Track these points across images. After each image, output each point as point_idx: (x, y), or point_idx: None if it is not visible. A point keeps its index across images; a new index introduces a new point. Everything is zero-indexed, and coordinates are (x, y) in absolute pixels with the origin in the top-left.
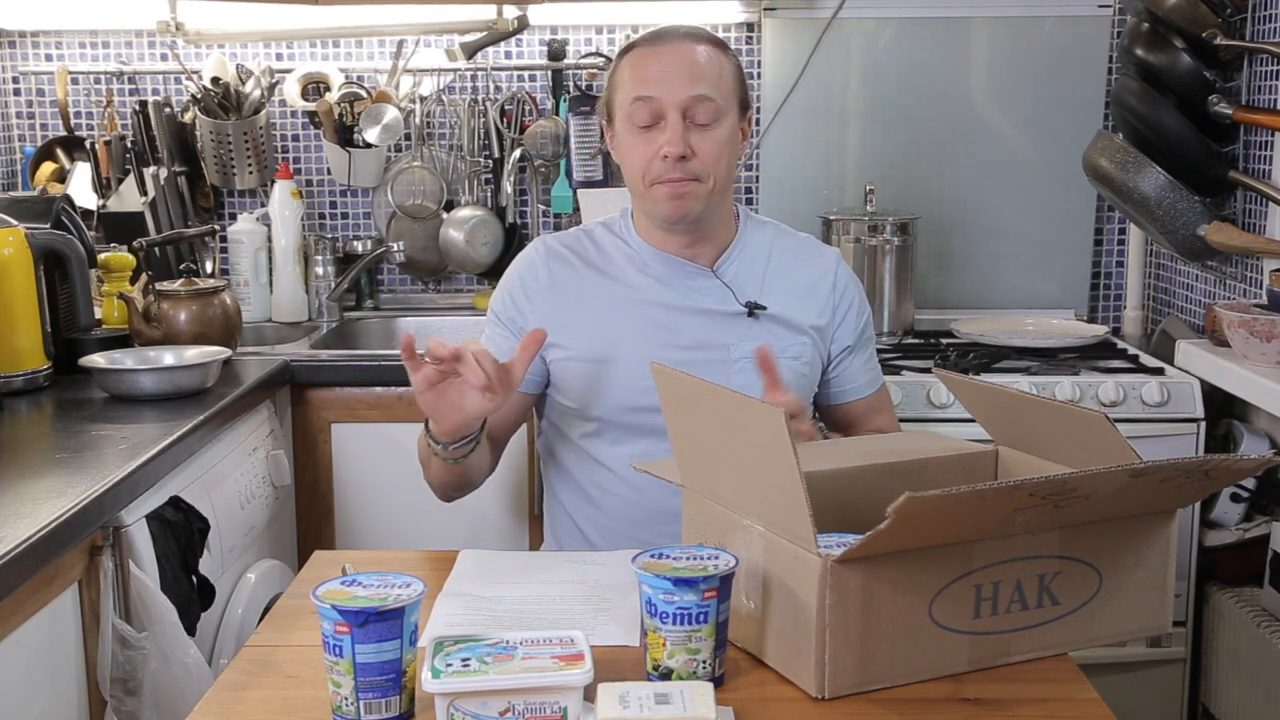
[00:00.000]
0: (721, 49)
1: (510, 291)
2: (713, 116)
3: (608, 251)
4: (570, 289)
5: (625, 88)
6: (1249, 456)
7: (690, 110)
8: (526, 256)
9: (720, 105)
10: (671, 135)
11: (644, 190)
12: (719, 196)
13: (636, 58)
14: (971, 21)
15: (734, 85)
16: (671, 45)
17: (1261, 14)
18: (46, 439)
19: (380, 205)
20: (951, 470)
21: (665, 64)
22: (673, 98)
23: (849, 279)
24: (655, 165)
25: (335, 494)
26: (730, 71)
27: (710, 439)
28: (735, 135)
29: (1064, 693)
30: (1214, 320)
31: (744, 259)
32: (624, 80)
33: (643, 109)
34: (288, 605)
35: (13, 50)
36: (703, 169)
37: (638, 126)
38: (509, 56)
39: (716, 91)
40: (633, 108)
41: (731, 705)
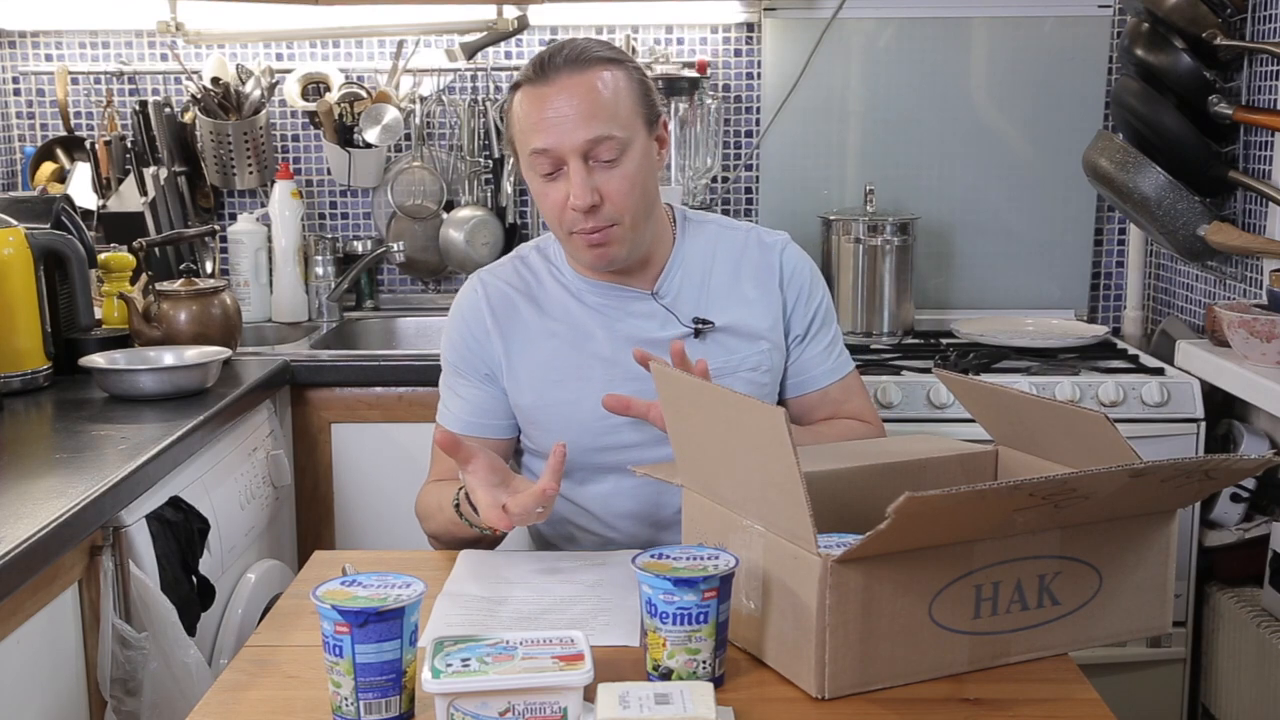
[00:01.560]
0: (616, 66)
1: (461, 337)
2: (616, 153)
3: (545, 283)
4: (515, 330)
5: (521, 135)
6: (1249, 456)
7: (591, 153)
8: (467, 299)
9: (622, 138)
10: (576, 188)
11: (564, 237)
12: (643, 228)
13: (526, 100)
14: (971, 21)
15: (635, 104)
16: (559, 83)
17: (1261, 14)
18: (46, 439)
19: (380, 205)
20: (951, 470)
21: (556, 107)
22: (569, 144)
23: (795, 265)
24: (568, 216)
25: (335, 494)
26: (627, 92)
27: (710, 439)
28: (646, 160)
29: (1064, 693)
30: (1214, 320)
31: (685, 271)
32: (519, 124)
33: (542, 160)
34: (288, 605)
35: (13, 50)
36: (615, 211)
37: (541, 175)
38: (509, 56)
39: (615, 124)
40: (531, 159)
41: (731, 705)
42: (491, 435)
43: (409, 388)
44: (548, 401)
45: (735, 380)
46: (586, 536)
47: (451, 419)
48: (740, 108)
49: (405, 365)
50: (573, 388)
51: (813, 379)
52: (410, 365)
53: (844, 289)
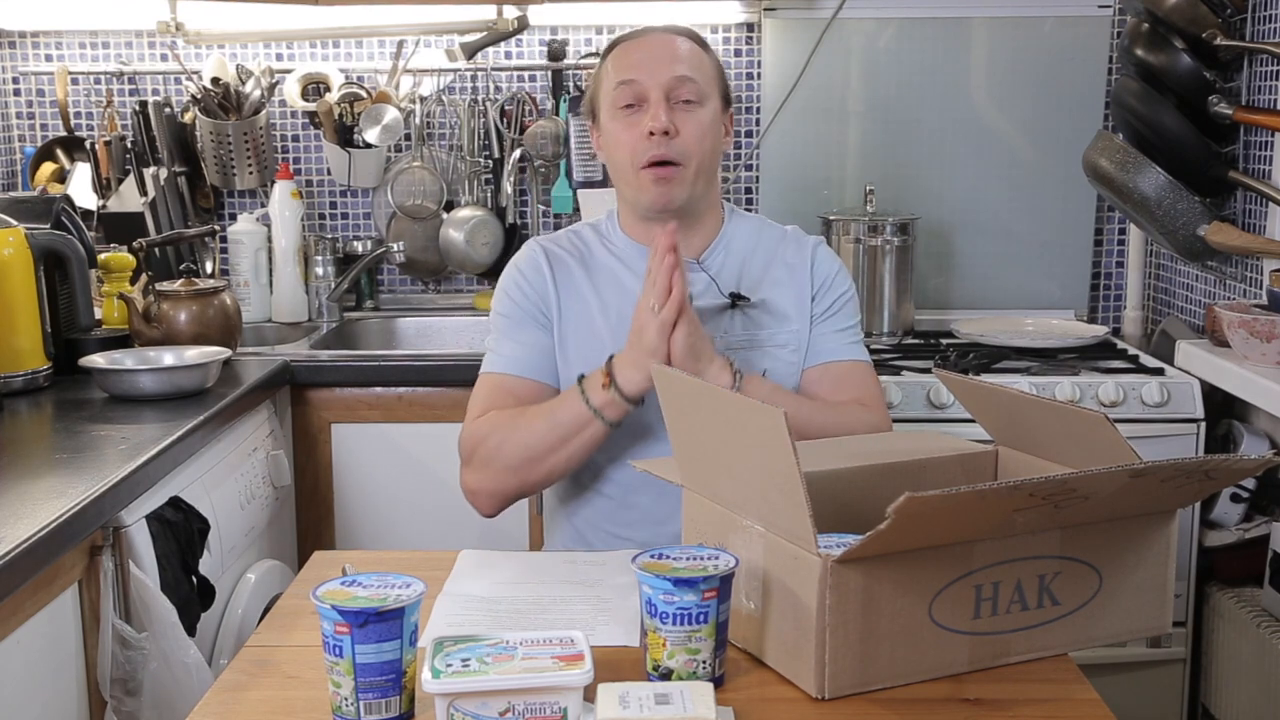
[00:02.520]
0: (703, 45)
1: (519, 287)
2: (696, 96)
3: (595, 251)
4: (568, 287)
5: (609, 78)
6: (1249, 456)
7: (673, 91)
8: (524, 257)
9: (703, 88)
10: (655, 111)
11: (631, 177)
12: (703, 183)
13: (619, 50)
14: (971, 21)
15: (715, 76)
16: (653, 35)
17: (1261, 14)
18: (46, 439)
19: (380, 205)
20: (951, 470)
21: (647, 50)
22: (655, 79)
23: (826, 259)
24: (640, 146)
25: (335, 494)
26: (710, 64)
27: (710, 439)
28: (718, 124)
29: (1064, 693)
30: (1214, 320)
31: (730, 251)
32: (607, 72)
33: (626, 91)
34: (288, 605)
35: (13, 50)
36: (685, 150)
37: (622, 109)
38: (509, 57)
39: (698, 74)
40: (617, 92)
41: (731, 705)
42: (541, 379)
43: (409, 388)
44: (590, 357)
45: (763, 354)
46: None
47: (503, 362)
48: (740, 108)
49: (405, 365)
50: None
51: (817, 353)
52: (410, 365)
53: None
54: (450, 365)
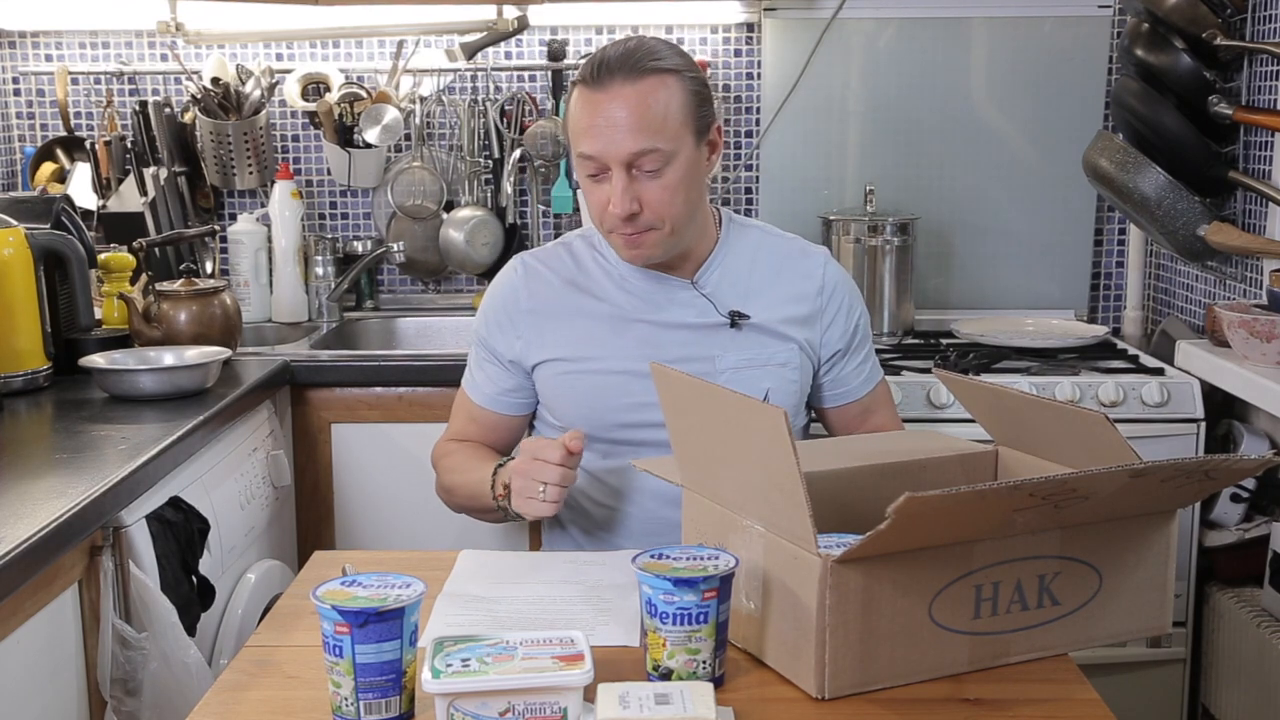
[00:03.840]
0: (669, 74)
1: (493, 316)
2: (659, 164)
3: (587, 268)
4: (552, 308)
5: (573, 135)
6: (1249, 456)
7: (635, 163)
8: (506, 278)
9: (667, 150)
10: (616, 196)
11: (605, 234)
12: (682, 231)
13: (580, 101)
14: (971, 21)
15: (686, 116)
16: (611, 90)
17: (1261, 14)
18: (46, 439)
19: (380, 205)
20: (951, 470)
21: (606, 115)
22: (613, 155)
23: (838, 279)
24: (608, 216)
25: (335, 494)
26: (679, 104)
27: (710, 439)
28: (692, 167)
29: (1064, 693)
30: (1214, 320)
31: (725, 267)
32: (572, 123)
33: (588, 164)
34: (288, 605)
35: (13, 50)
36: (653, 218)
37: (587, 176)
38: (509, 57)
39: (661, 137)
40: (579, 160)
41: (731, 705)
42: (507, 411)
43: (409, 388)
44: (580, 374)
45: (764, 373)
46: (603, 511)
47: (475, 390)
48: (740, 108)
49: (405, 365)
50: (607, 362)
51: (851, 390)
52: (410, 365)
53: None
54: (450, 365)
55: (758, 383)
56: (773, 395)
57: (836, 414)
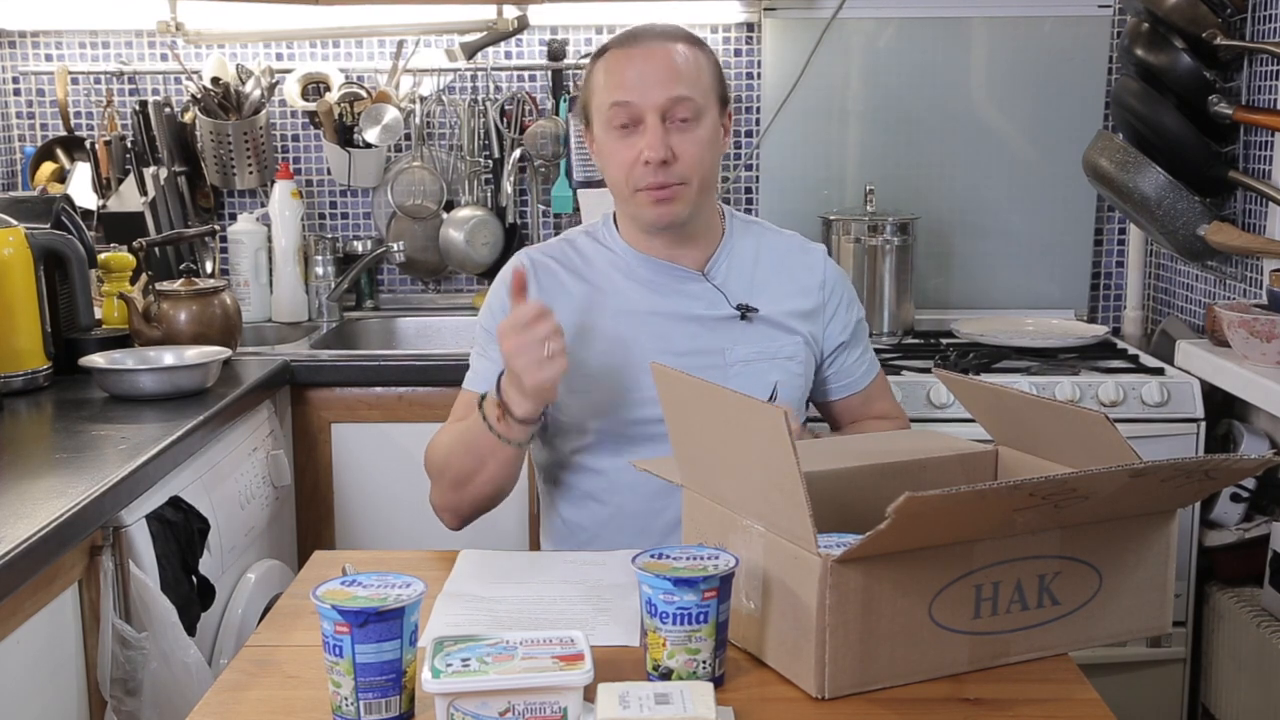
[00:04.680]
0: (698, 46)
1: (499, 306)
2: (692, 115)
3: (592, 260)
4: (559, 302)
5: (601, 92)
6: (1249, 456)
7: (669, 112)
8: (508, 268)
9: (699, 104)
10: (651, 139)
11: (628, 196)
12: (704, 197)
13: (611, 61)
14: (971, 21)
15: (712, 82)
16: (646, 46)
17: (1261, 14)
18: (46, 439)
19: (380, 205)
20: (951, 470)
21: (641, 67)
22: (650, 101)
23: (838, 275)
24: (637, 171)
25: (335, 494)
26: (708, 68)
27: (710, 439)
28: (716, 133)
29: (1064, 693)
30: (1214, 320)
31: (732, 260)
32: (600, 84)
33: (620, 113)
34: (288, 605)
35: (13, 50)
36: (685, 171)
37: (616, 129)
38: (509, 56)
39: (695, 90)
40: (610, 112)
41: (731, 705)
42: None
43: (409, 388)
44: (589, 368)
45: (772, 366)
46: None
47: (475, 379)
48: (740, 108)
49: (405, 365)
50: (615, 353)
51: (855, 381)
52: (410, 365)
53: None
54: (450, 365)
55: (765, 376)
56: (780, 389)
57: (842, 405)
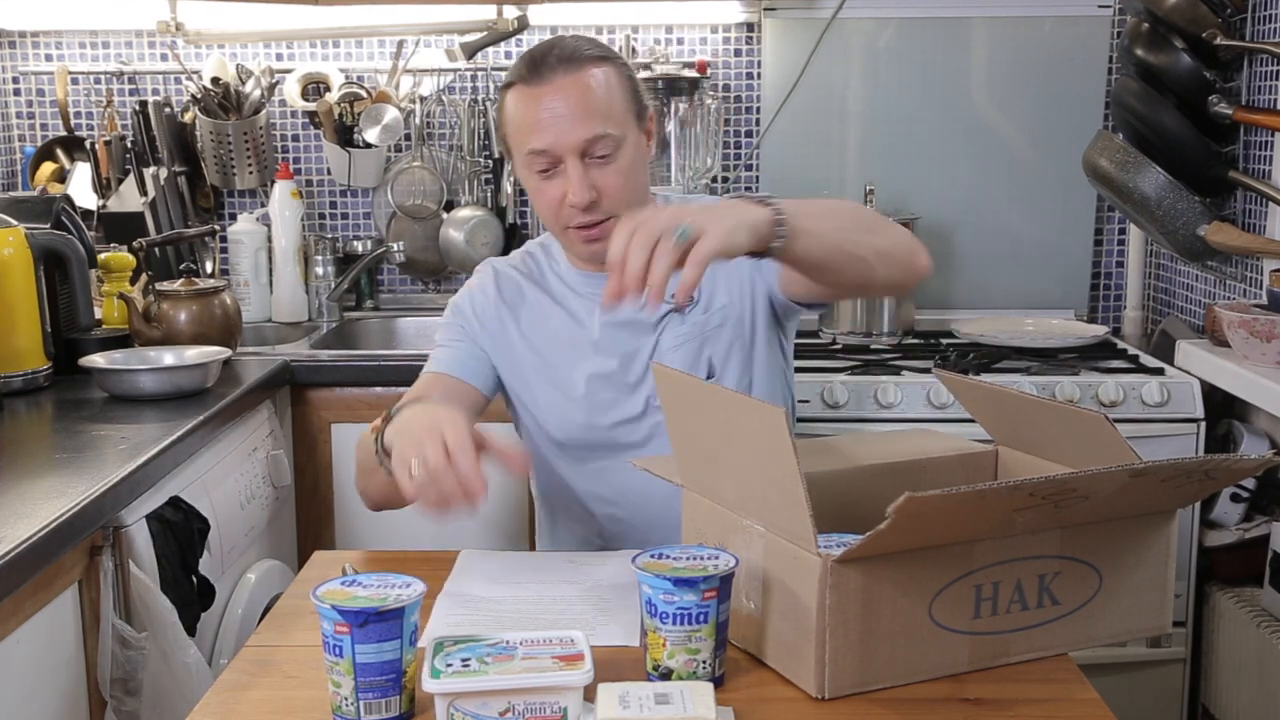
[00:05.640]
0: (606, 62)
1: (468, 306)
2: (612, 149)
3: (546, 275)
4: (521, 307)
5: (515, 134)
6: (1249, 456)
7: (588, 151)
8: (476, 280)
9: (617, 135)
10: (574, 184)
11: (559, 231)
12: None
13: (520, 99)
14: (971, 21)
15: (628, 101)
16: (554, 83)
17: (1261, 14)
18: (46, 439)
19: (380, 205)
20: (951, 470)
21: (552, 106)
22: (566, 144)
23: None
24: (565, 211)
25: (335, 494)
26: (620, 88)
27: (710, 439)
28: (640, 152)
29: (1064, 693)
30: (1214, 320)
31: None
32: (512, 124)
33: (539, 159)
34: (288, 605)
35: (13, 50)
36: (613, 206)
37: (536, 172)
38: (509, 56)
39: (610, 121)
40: (527, 159)
41: (731, 705)
42: (469, 380)
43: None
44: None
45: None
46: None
47: (436, 364)
48: (740, 108)
49: (405, 365)
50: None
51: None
52: (410, 365)
53: None
54: None
55: (700, 354)
56: (717, 360)
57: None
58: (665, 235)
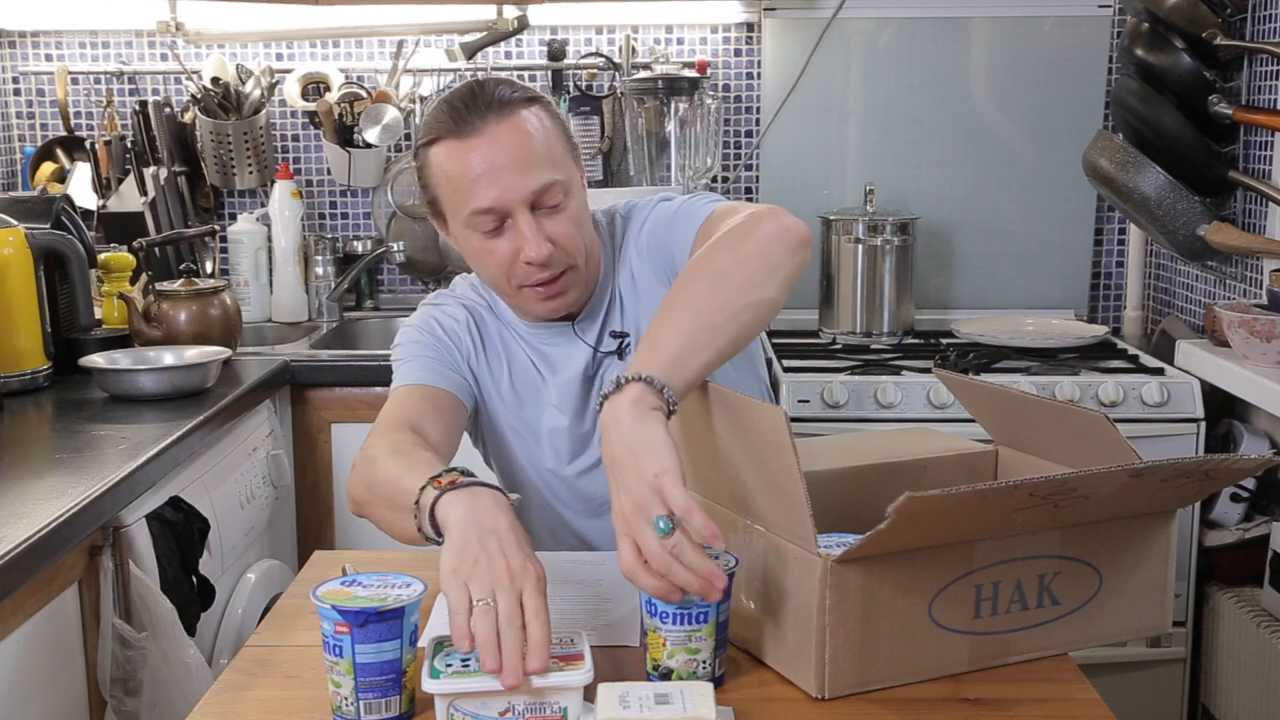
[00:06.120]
0: (534, 103)
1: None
2: (561, 196)
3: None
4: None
5: (451, 194)
6: (1249, 456)
7: (537, 201)
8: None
9: (564, 180)
10: (530, 240)
11: (511, 292)
12: (591, 268)
13: (451, 155)
14: (971, 21)
15: (565, 144)
16: (486, 133)
17: (1261, 14)
18: (46, 439)
19: (380, 205)
20: (951, 470)
21: (492, 160)
22: (514, 198)
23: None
24: (519, 270)
25: (335, 494)
26: (554, 128)
27: (710, 439)
28: (584, 195)
29: (1064, 693)
30: (1214, 320)
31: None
32: (447, 184)
33: (485, 219)
34: (288, 605)
35: (13, 50)
36: (570, 255)
37: (482, 234)
38: (509, 56)
39: (555, 166)
40: (472, 219)
41: (731, 705)
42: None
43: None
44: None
45: None
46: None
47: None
48: (740, 108)
49: None
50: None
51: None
52: None
53: (844, 289)
54: None
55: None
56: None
57: None
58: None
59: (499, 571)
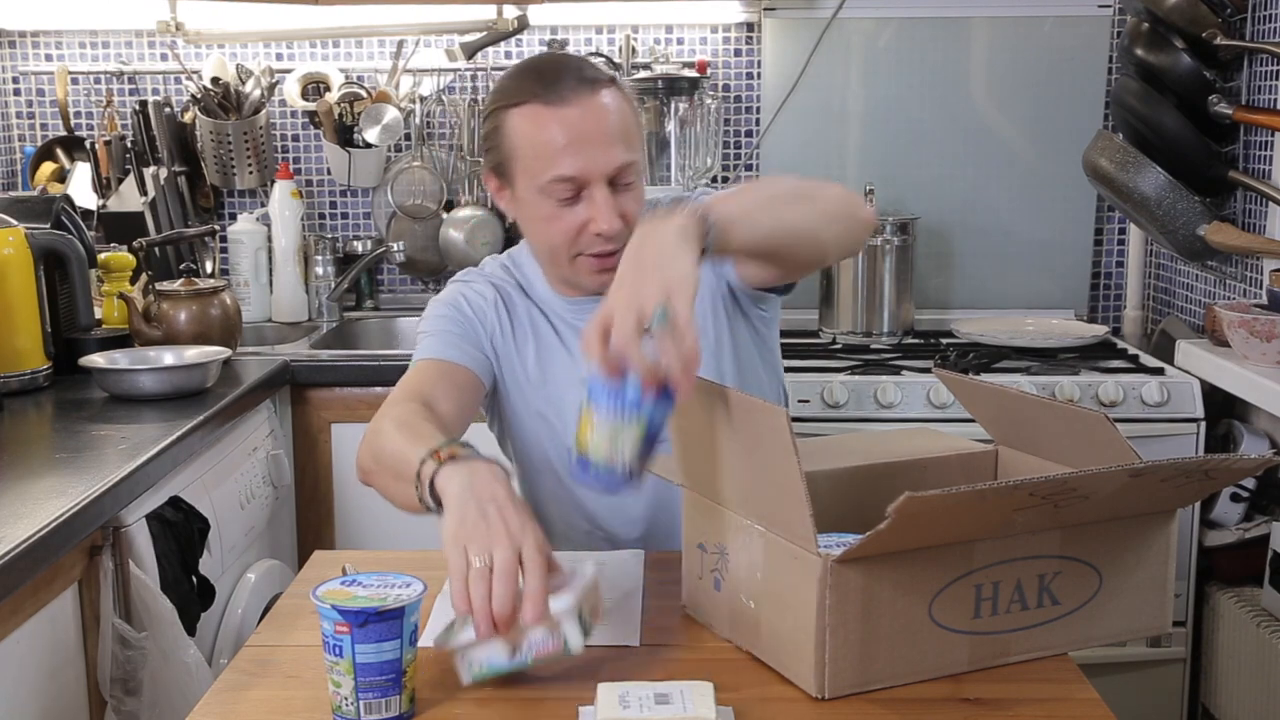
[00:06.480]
0: (615, 84)
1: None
2: (635, 176)
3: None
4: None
5: (532, 159)
6: (1249, 456)
7: (616, 179)
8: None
9: (640, 162)
10: (604, 213)
11: (565, 261)
12: None
13: (538, 120)
14: (971, 21)
15: (638, 127)
16: (579, 104)
17: (1261, 14)
18: (46, 439)
19: (380, 205)
20: (951, 470)
21: (580, 130)
22: (597, 171)
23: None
24: (584, 239)
25: (335, 494)
26: (632, 112)
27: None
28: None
29: (1064, 693)
30: (1214, 320)
31: None
32: (530, 148)
33: (563, 188)
34: (288, 605)
35: (13, 50)
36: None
37: (556, 200)
38: (509, 56)
39: (635, 148)
40: (550, 186)
41: (731, 705)
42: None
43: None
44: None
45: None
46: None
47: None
48: (740, 108)
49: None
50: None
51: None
52: None
53: (844, 289)
54: None
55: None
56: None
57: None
58: (647, 324)
59: (497, 533)
